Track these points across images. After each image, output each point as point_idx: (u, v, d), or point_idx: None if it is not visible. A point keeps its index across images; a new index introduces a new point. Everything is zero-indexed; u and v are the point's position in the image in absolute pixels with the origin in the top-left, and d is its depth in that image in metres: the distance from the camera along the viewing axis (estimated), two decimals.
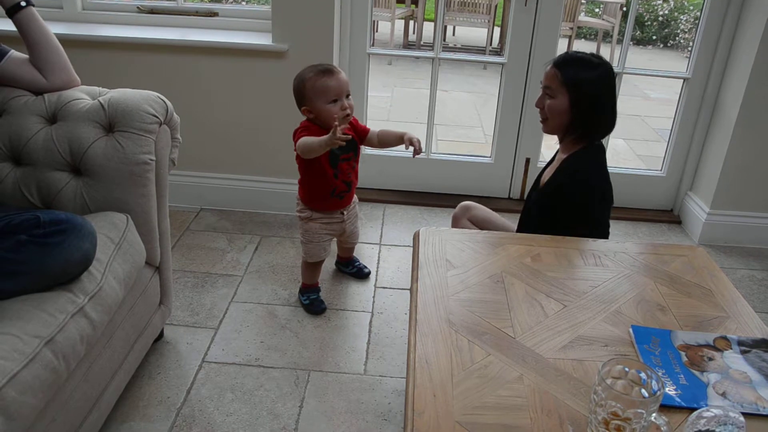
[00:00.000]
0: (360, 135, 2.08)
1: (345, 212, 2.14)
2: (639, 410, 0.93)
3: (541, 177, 1.88)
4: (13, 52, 1.65)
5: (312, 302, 2.16)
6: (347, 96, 1.94)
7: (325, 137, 1.82)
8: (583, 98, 1.66)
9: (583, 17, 7.09)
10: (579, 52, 1.72)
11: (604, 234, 1.74)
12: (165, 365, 1.87)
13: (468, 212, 2.00)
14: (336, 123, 1.79)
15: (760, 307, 2.35)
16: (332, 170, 2.01)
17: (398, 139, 2.05)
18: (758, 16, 2.49)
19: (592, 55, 1.71)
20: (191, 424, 1.67)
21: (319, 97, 1.92)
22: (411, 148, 1.98)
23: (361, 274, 2.37)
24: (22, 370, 1.13)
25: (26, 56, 1.66)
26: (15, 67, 1.64)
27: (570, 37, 6.42)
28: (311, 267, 2.17)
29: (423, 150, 2.00)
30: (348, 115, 1.95)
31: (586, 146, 1.72)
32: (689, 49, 7.24)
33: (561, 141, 1.77)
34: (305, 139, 1.91)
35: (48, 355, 1.20)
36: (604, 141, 1.98)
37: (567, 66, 1.68)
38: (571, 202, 1.69)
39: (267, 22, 2.61)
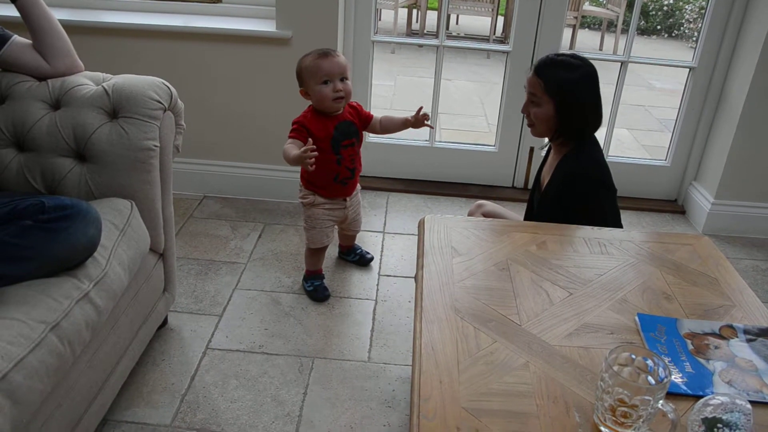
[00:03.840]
0: (363, 121, 2.08)
1: (348, 199, 2.13)
2: (646, 397, 0.92)
3: (540, 176, 1.88)
4: (16, 37, 1.64)
5: (316, 289, 2.16)
6: (342, 79, 1.94)
7: (296, 156, 1.82)
8: (566, 103, 1.66)
9: (587, 6, 7.06)
10: (559, 54, 1.71)
11: (617, 224, 1.73)
12: (169, 352, 1.87)
13: (481, 208, 2.01)
14: (306, 153, 1.78)
15: (765, 297, 2.35)
16: (335, 156, 2.01)
17: (402, 124, 2.06)
18: (766, 5, 2.47)
19: (572, 56, 1.69)
20: (195, 411, 1.67)
21: (311, 78, 1.92)
22: (422, 121, 2.01)
23: (363, 260, 2.37)
24: (28, 355, 1.14)
25: (29, 41, 1.65)
26: (18, 52, 1.63)
27: (574, 26, 6.39)
28: (314, 253, 2.17)
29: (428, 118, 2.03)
30: (340, 98, 1.94)
31: (579, 144, 1.71)
32: (694, 39, 7.22)
33: (551, 141, 1.78)
34: (287, 149, 1.90)
35: (53, 341, 1.20)
36: (603, 133, 1.97)
37: (547, 71, 1.67)
38: (578, 200, 1.68)
39: (271, 9, 2.59)
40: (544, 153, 1.92)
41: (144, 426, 1.62)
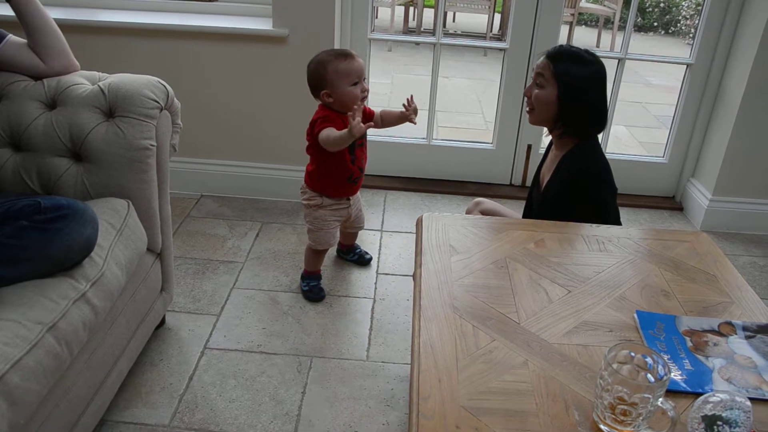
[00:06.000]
0: (367, 119, 2.08)
1: (351, 198, 2.14)
2: (645, 395, 0.92)
3: (539, 174, 1.87)
4: (11, 37, 1.63)
5: (311, 289, 2.16)
6: (364, 79, 1.96)
7: (346, 131, 1.81)
8: (570, 93, 1.66)
9: (584, 3, 7.04)
10: (574, 47, 1.71)
11: (616, 223, 1.73)
12: (167, 352, 1.87)
13: (479, 206, 2.01)
14: (353, 110, 1.80)
15: (763, 294, 2.35)
16: (350, 156, 2.02)
17: (398, 118, 2.07)
18: (763, 1, 2.47)
19: (586, 51, 1.70)
20: (194, 411, 1.67)
21: (342, 80, 1.92)
22: (411, 113, 2.02)
23: (362, 260, 2.37)
24: (24, 356, 1.13)
25: (24, 41, 1.64)
26: (13, 52, 1.62)
27: (571, 23, 6.38)
28: (317, 254, 2.17)
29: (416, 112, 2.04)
30: (365, 97, 1.96)
31: (581, 142, 1.71)
32: (690, 35, 7.22)
33: (550, 133, 1.78)
34: (330, 133, 1.89)
35: (50, 342, 1.19)
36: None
37: (560, 59, 1.68)
38: (580, 198, 1.67)
39: (267, 7, 2.58)
40: (543, 136, 1.91)
41: (142, 426, 1.61)
